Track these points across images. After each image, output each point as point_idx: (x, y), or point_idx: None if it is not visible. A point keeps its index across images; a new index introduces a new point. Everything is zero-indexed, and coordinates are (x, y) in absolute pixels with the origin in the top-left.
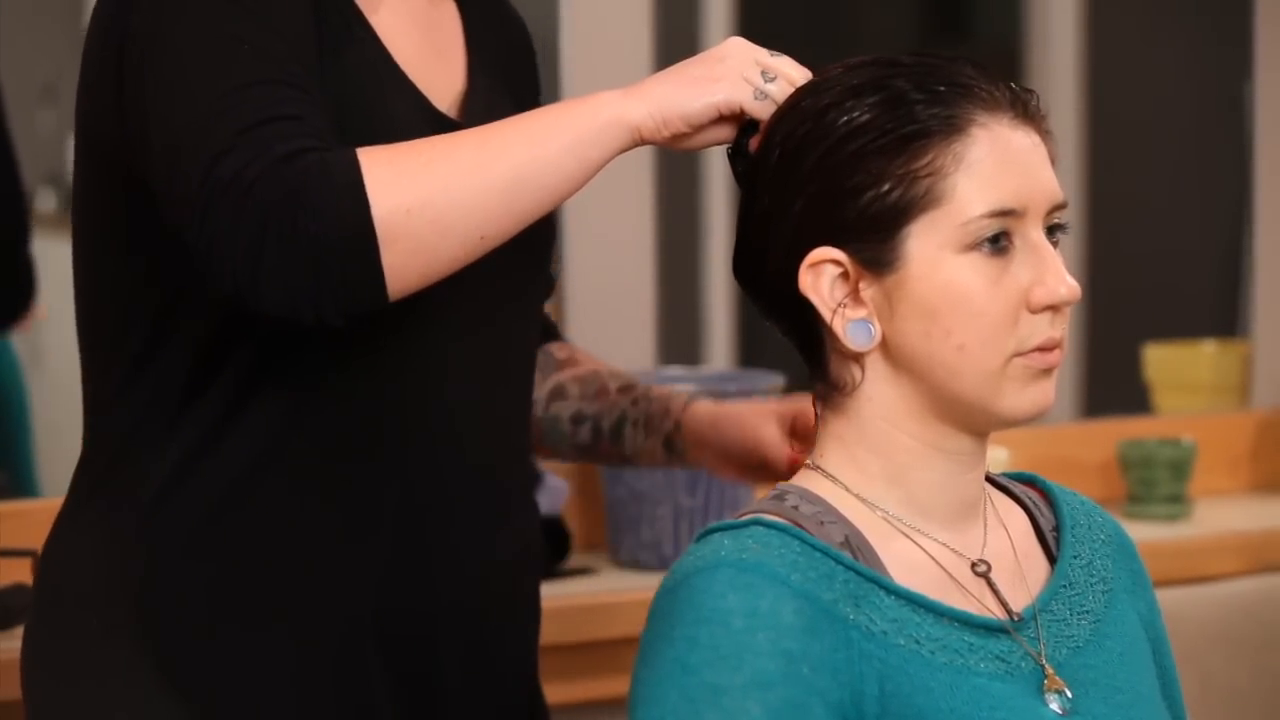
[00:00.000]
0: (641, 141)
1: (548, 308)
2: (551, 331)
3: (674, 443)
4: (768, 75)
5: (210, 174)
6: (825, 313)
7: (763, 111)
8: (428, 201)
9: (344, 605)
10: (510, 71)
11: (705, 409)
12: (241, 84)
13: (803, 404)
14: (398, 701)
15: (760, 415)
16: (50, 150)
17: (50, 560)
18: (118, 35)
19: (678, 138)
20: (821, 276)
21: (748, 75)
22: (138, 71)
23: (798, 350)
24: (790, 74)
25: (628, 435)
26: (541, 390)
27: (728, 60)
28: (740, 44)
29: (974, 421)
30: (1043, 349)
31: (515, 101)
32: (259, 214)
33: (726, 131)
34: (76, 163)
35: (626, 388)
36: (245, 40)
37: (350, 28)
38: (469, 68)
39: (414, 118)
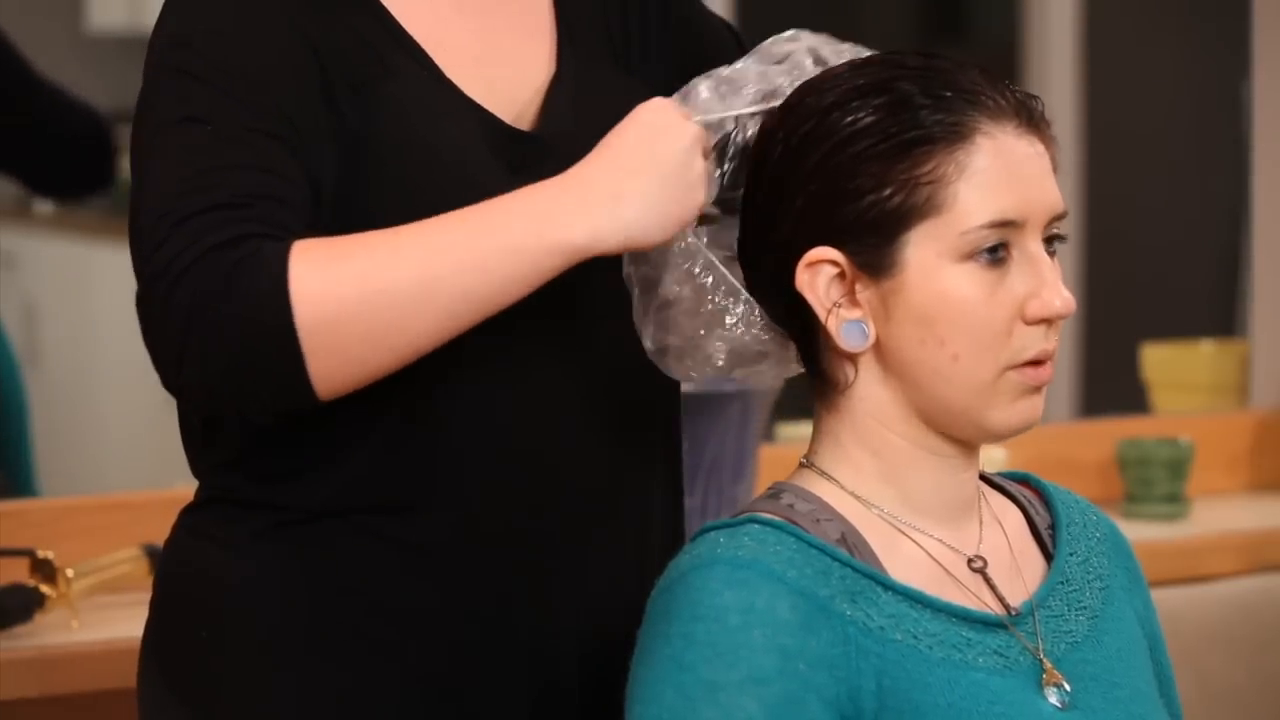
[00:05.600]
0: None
1: None
2: None
3: None
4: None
5: (147, 265)
6: (820, 312)
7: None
8: (357, 315)
9: (442, 637)
10: (618, 47)
11: None
12: (189, 174)
13: None
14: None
15: None
16: None
17: (168, 557)
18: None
19: None
20: (818, 276)
21: (704, 144)
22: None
23: (795, 343)
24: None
25: None
26: None
27: (680, 144)
28: (673, 122)
29: (960, 431)
30: (1036, 363)
31: (624, 67)
32: (183, 312)
33: None
34: None
35: None
36: (206, 119)
37: (382, 56)
38: (558, 43)
39: (472, 140)
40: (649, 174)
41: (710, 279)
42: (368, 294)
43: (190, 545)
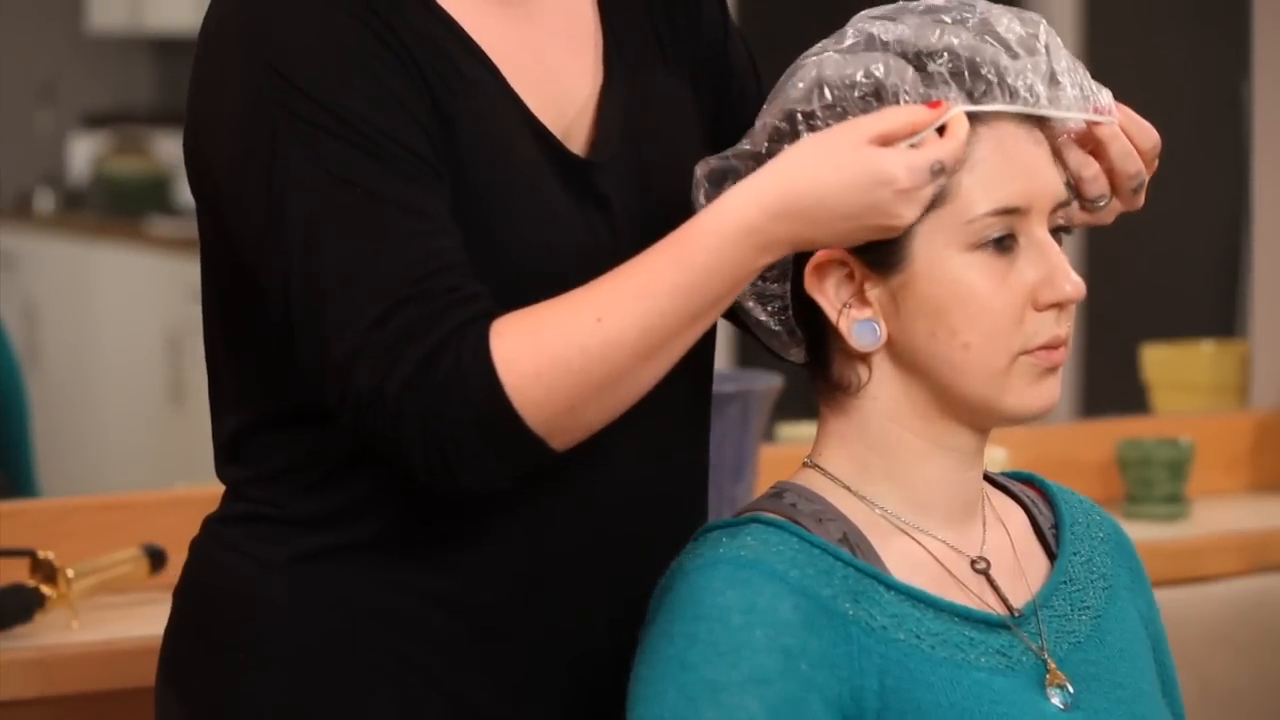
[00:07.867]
0: None
1: None
2: None
3: None
4: (935, 168)
5: (348, 384)
6: (831, 313)
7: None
8: (577, 392)
9: (483, 666)
10: (667, 43)
11: None
12: (356, 259)
13: None
14: None
15: None
16: (49, 150)
17: (196, 567)
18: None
19: None
20: (827, 277)
21: (923, 193)
22: (264, 220)
23: (805, 348)
24: (946, 152)
25: None
26: None
27: (900, 195)
28: (898, 162)
29: (979, 419)
30: (1049, 347)
31: (673, 67)
32: (419, 441)
33: None
34: (200, 221)
35: None
36: (350, 178)
37: (458, 66)
38: (606, 59)
39: (534, 161)
40: (859, 220)
41: None
42: (584, 371)
43: (223, 560)
